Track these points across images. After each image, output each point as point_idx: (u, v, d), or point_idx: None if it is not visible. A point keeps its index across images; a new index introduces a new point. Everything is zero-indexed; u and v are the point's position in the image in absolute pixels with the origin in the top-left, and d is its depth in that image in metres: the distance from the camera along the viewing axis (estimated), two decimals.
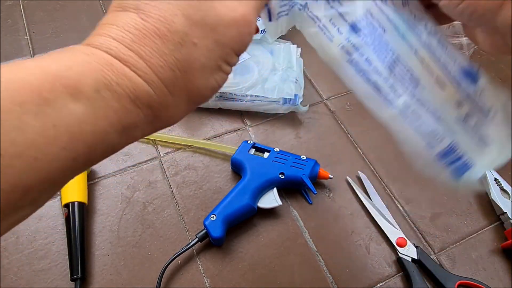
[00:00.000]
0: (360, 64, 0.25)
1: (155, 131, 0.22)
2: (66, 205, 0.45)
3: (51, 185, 0.18)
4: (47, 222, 0.47)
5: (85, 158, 0.18)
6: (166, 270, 0.43)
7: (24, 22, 0.67)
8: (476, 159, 0.26)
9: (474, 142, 0.27)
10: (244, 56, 0.58)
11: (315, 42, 0.27)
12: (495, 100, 0.27)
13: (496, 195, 0.50)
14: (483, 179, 0.52)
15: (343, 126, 0.58)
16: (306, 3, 0.26)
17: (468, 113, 0.26)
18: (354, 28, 0.26)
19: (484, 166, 0.27)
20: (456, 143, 0.26)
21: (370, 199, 0.51)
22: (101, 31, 0.20)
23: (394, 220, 0.49)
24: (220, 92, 0.55)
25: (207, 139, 0.55)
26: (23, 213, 0.18)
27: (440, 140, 0.25)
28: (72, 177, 0.19)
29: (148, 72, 0.19)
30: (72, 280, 0.42)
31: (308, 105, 0.57)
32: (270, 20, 0.28)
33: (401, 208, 0.51)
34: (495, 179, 0.51)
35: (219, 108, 0.58)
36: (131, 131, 0.20)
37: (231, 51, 0.22)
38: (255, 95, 0.55)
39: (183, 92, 0.21)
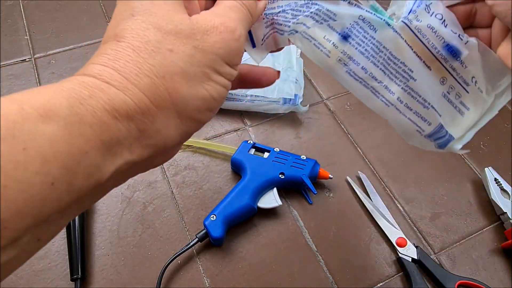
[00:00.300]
0: (357, 73, 0.28)
1: (149, 153, 0.20)
2: None
3: (33, 220, 0.16)
4: None
5: (66, 184, 0.16)
6: (166, 270, 0.43)
7: (24, 22, 0.67)
8: (454, 133, 0.31)
9: (454, 115, 0.31)
10: (244, 56, 0.58)
11: (311, 56, 0.28)
12: (477, 70, 0.29)
13: (496, 195, 0.50)
14: (483, 179, 0.52)
15: (343, 126, 0.58)
16: (302, 27, 0.27)
17: (451, 86, 0.30)
18: (346, 35, 0.27)
19: (460, 139, 0.31)
20: (442, 123, 0.29)
21: (370, 199, 0.51)
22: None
23: (394, 220, 0.49)
24: None
25: (207, 139, 0.55)
26: (7, 254, 0.16)
27: (428, 125, 0.29)
28: (67, 213, 0.18)
29: (123, 81, 0.19)
30: (72, 280, 0.42)
31: (308, 105, 0.57)
32: (254, 46, 0.28)
33: (401, 208, 0.51)
34: (495, 179, 0.51)
35: (219, 108, 0.58)
36: (115, 148, 0.18)
37: (217, 58, 0.21)
38: (255, 95, 0.55)
39: (168, 102, 0.20)
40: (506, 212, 0.48)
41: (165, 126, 0.20)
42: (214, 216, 0.45)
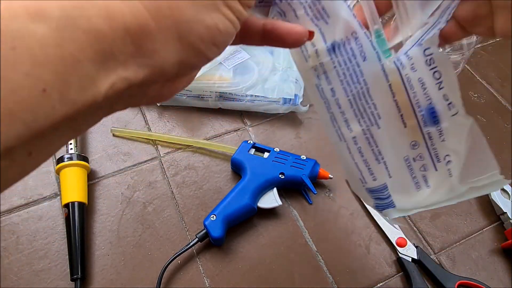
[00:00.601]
0: (325, 92, 0.25)
1: (145, 74, 0.19)
2: (66, 205, 0.45)
3: (25, 128, 0.15)
4: (47, 222, 0.47)
5: (59, 93, 0.16)
6: (166, 270, 0.43)
7: None
8: (398, 202, 0.28)
9: (407, 185, 0.28)
10: (244, 56, 0.58)
11: (293, 55, 0.26)
12: (454, 149, 0.27)
13: (496, 195, 0.50)
14: None
15: None
16: (291, 13, 0.25)
17: (421, 155, 0.27)
18: (333, 48, 0.24)
19: (402, 210, 0.29)
20: (388, 185, 0.27)
21: None
22: None
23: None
24: (220, 92, 0.55)
25: (207, 139, 0.55)
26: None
27: (373, 179, 0.27)
28: (61, 130, 0.17)
29: None
30: (72, 280, 0.42)
31: (308, 105, 0.57)
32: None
33: None
34: None
35: (219, 108, 0.58)
36: (108, 63, 0.17)
37: None
38: (255, 95, 0.55)
39: (169, 21, 0.18)
40: (506, 212, 0.48)
41: (164, 47, 0.19)
42: (214, 216, 0.45)
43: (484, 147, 0.26)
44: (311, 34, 0.25)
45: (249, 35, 0.25)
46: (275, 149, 0.51)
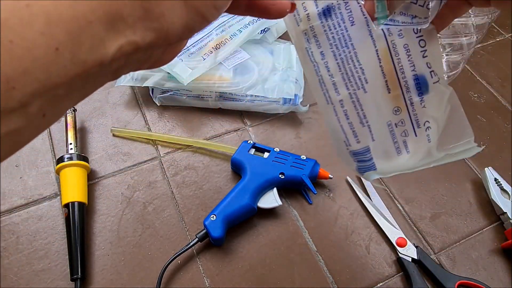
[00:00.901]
0: (314, 56, 0.26)
1: (151, 37, 0.19)
2: (66, 205, 0.45)
3: (40, 86, 0.16)
4: (47, 222, 0.47)
5: (71, 53, 0.16)
6: (166, 270, 0.43)
7: None
8: (379, 165, 0.29)
9: (388, 149, 0.29)
10: (244, 56, 0.58)
11: (285, 18, 0.27)
12: (434, 116, 0.28)
13: (496, 195, 0.50)
14: (483, 179, 0.52)
15: None
16: None
17: (402, 120, 0.28)
18: (324, 12, 0.25)
19: (382, 173, 0.30)
20: (370, 148, 0.28)
21: (370, 199, 0.51)
22: None
23: (394, 220, 0.49)
24: (220, 92, 0.55)
25: (207, 139, 0.55)
26: (15, 122, 0.16)
27: (357, 142, 0.28)
28: (72, 89, 0.17)
29: None
30: (72, 280, 0.42)
31: (308, 105, 0.57)
32: None
33: (401, 208, 0.51)
34: (495, 179, 0.51)
35: (219, 108, 0.58)
36: (118, 25, 0.18)
37: None
38: (255, 95, 0.55)
39: None
40: (506, 212, 0.48)
41: (171, 11, 0.19)
42: (214, 216, 0.45)
43: (461, 115, 0.27)
44: (293, 6, 0.26)
45: (234, 4, 0.26)
46: (275, 149, 0.51)
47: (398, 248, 0.47)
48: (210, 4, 0.21)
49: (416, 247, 0.46)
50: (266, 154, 0.50)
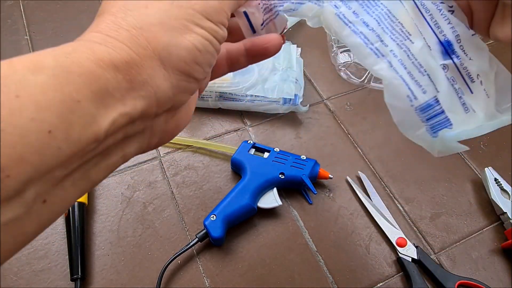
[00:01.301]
0: (347, 16, 0.25)
1: (142, 105, 0.20)
2: None
3: (35, 171, 0.16)
4: None
5: (63, 133, 0.16)
6: (166, 270, 0.43)
7: (24, 22, 0.67)
8: (454, 120, 0.26)
9: (455, 103, 0.26)
10: None
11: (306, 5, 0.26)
12: (483, 69, 0.26)
13: (496, 195, 0.50)
14: (483, 179, 0.52)
15: (343, 126, 0.58)
16: None
17: (453, 78, 0.26)
18: None
19: (459, 133, 0.26)
20: (439, 99, 0.25)
21: (370, 199, 0.51)
22: None
23: (394, 220, 0.49)
24: (220, 92, 0.55)
25: (207, 139, 0.55)
26: (13, 211, 0.16)
27: (423, 92, 0.25)
28: (69, 169, 0.17)
29: (103, 37, 0.19)
30: (72, 280, 0.42)
31: (308, 105, 0.57)
32: (254, 32, 0.27)
33: (401, 208, 0.51)
34: (495, 179, 0.51)
35: (219, 108, 0.58)
36: (107, 100, 0.18)
37: (195, 13, 0.21)
38: (255, 95, 0.55)
39: (149, 50, 0.20)
40: (506, 212, 0.48)
41: (152, 76, 0.20)
42: (214, 216, 0.45)
43: (507, 75, 0.26)
44: (283, 37, 0.28)
45: (236, 61, 0.28)
46: (275, 149, 0.51)
47: (398, 248, 0.47)
48: (190, 61, 0.21)
49: (416, 247, 0.46)
50: (266, 154, 0.50)
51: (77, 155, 0.17)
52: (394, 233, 0.48)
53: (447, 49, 0.26)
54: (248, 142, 0.51)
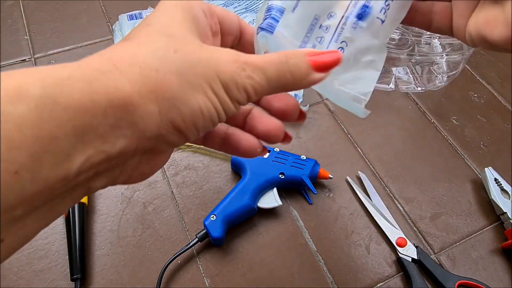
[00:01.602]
0: None
1: (121, 146, 0.18)
2: None
3: None
4: None
5: (31, 173, 0.15)
6: (166, 270, 0.43)
7: (24, 22, 0.67)
8: (278, 32, 0.26)
9: (297, 32, 0.26)
10: None
11: None
12: (355, 45, 0.26)
13: (496, 195, 0.50)
14: (483, 179, 0.52)
15: (343, 126, 0.58)
16: None
17: (328, 27, 0.26)
18: None
19: (270, 42, 0.26)
20: (284, 14, 0.26)
21: (370, 199, 0.51)
22: None
23: (394, 220, 0.49)
24: None
25: None
26: None
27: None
28: (32, 208, 0.16)
29: (110, 67, 0.18)
30: (72, 280, 0.42)
31: (308, 105, 0.57)
32: None
33: (401, 208, 0.51)
34: (495, 179, 0.51)
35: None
36: (87, 134, 0.17)
37: (217, 79, 0.20)
38: None
39: (153, 95, 0.19)
40: (506, 212, 0.48)
41: (143, 119, 0.19)
42: (214, 216, 0.45)
43: (373, 77, 0.26)
44: (264, 150, 0.27)
45: (211, 138, 0.26)
46: (275, 149, 0.51)
47: (398, 248, 0.47)
48: (189, 122, 0.20)
49: (416, 247, 0.46)
50: (266, 154, 0.50)
51: (41, 193, 0.16)
52: (394, 233, 0.48)
53: (361, 15, 0.26)
54: None
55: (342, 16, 0.26)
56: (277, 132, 0.26)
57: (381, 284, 0.45)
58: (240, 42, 0.28)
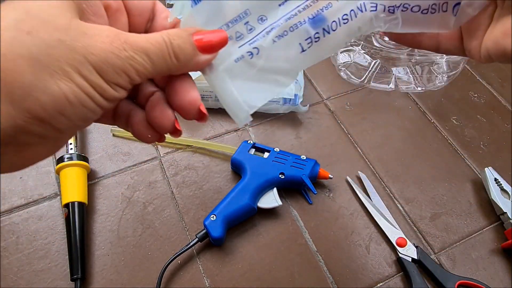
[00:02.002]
0: None
1: None
2: (66, 205, 0.45)
3: None
4: (47, 222, 0.47)
5: None
6: (166, 270, 0.43)
7: None
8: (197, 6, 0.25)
9: (215, 22, 0.25)
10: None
11: None
12: (268, 57, 0.26)
13: (496, 195, 0.50)
14: (483, 179, 0.52)
15: (343, 126, 0.58)
16: None
17: (252, 28, 0.25)
18: None
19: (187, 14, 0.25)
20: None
21: (370, 199, 0.51)
22: None
23: (394, 220, 0.49)
24: None
25: (207, 139, 0.55)
26: None
27: None
28: None
29: None
30: (72, 280, 0.42)
31: (308, 105, 0.57)
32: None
33: (401, 208, 0.51)
34: (495, 179, 0.51)
35: (219, 108, 0.58)
36: None
37: (85, 62, 0.18)
38: None
39: (1, 82, 0.17)
40: (506, 212, 0.48)
41: None
42: (214, 216, 0.45)
43: (269, 95, 0.26)
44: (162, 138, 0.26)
45: (118, 117, 0.25)
46: (275, 149, 0.51)
47: (398, 248, 0.47)
48: (52, 110, 0.18)
49: (416, 247, 0.46)
50: (266, 154, 0.50)
51: None
52: (394, 233, 0.48)
53: (314, 22, 0.25)
54: (248, 142, 0.51)
55: (271, 24, 0.25)
56: (168, 128, 0.25)
57: (381, 284, 0.45)
58: (152, 25, 0.25)
